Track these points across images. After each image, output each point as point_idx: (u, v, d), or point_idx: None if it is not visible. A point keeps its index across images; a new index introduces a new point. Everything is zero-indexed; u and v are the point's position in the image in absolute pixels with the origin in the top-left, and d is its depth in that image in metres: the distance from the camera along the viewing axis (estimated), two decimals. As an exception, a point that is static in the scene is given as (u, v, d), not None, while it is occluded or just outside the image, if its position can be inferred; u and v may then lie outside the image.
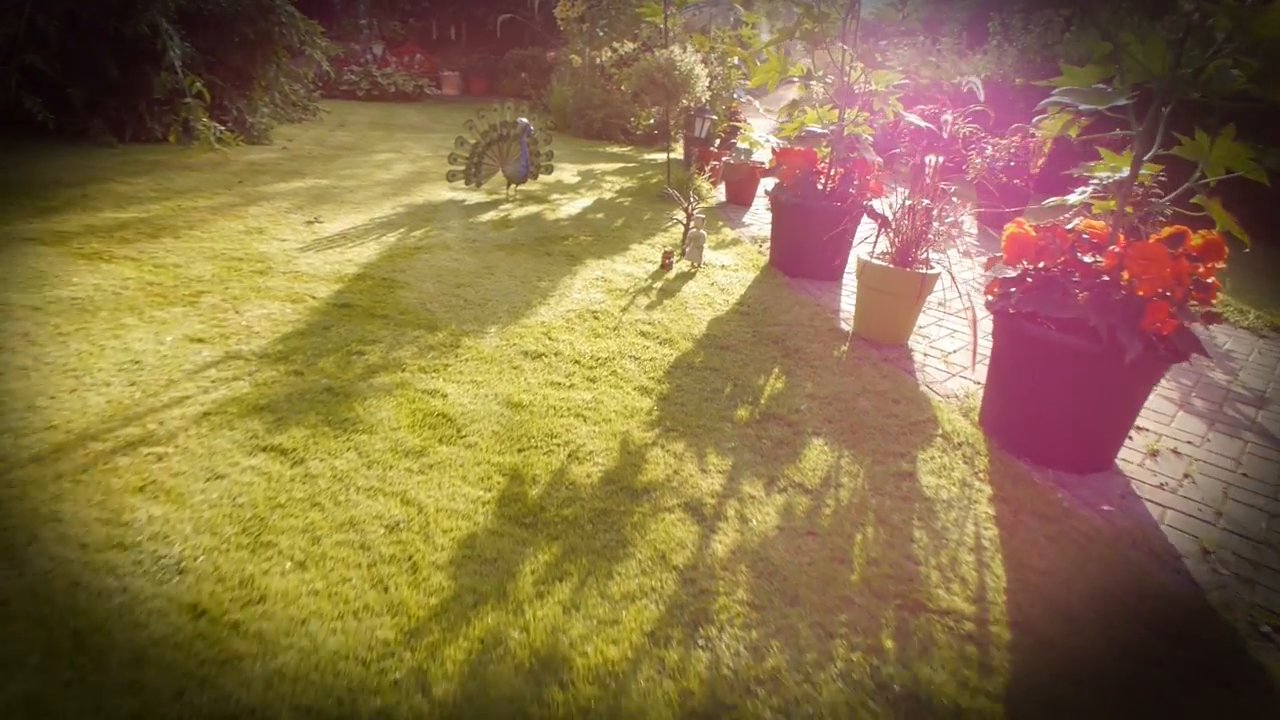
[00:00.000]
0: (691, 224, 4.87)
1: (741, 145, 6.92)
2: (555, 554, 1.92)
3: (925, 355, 3.64)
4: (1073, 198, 2.76)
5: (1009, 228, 2.66)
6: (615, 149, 10.64)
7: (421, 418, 2.50)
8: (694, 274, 4.56)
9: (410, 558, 1.83)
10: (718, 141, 7.56)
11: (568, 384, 2.90)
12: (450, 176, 5.98)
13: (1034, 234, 2.57)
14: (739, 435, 2.67)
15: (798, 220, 4.61)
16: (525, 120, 5.89)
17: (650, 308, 3.86)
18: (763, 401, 2.94)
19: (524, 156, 5.94)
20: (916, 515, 2.31)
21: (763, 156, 7.11)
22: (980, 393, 3.24)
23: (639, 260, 4.70)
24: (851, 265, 5.04)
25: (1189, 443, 3.04)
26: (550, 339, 3.30)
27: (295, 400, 2.50)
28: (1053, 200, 2.89)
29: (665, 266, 4.57)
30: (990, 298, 2.75)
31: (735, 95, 8.44)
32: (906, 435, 2.79)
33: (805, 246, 4.69)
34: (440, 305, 3.53)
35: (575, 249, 4.78)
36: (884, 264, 3.59)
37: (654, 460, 2.43)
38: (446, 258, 4.28)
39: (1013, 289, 2.63)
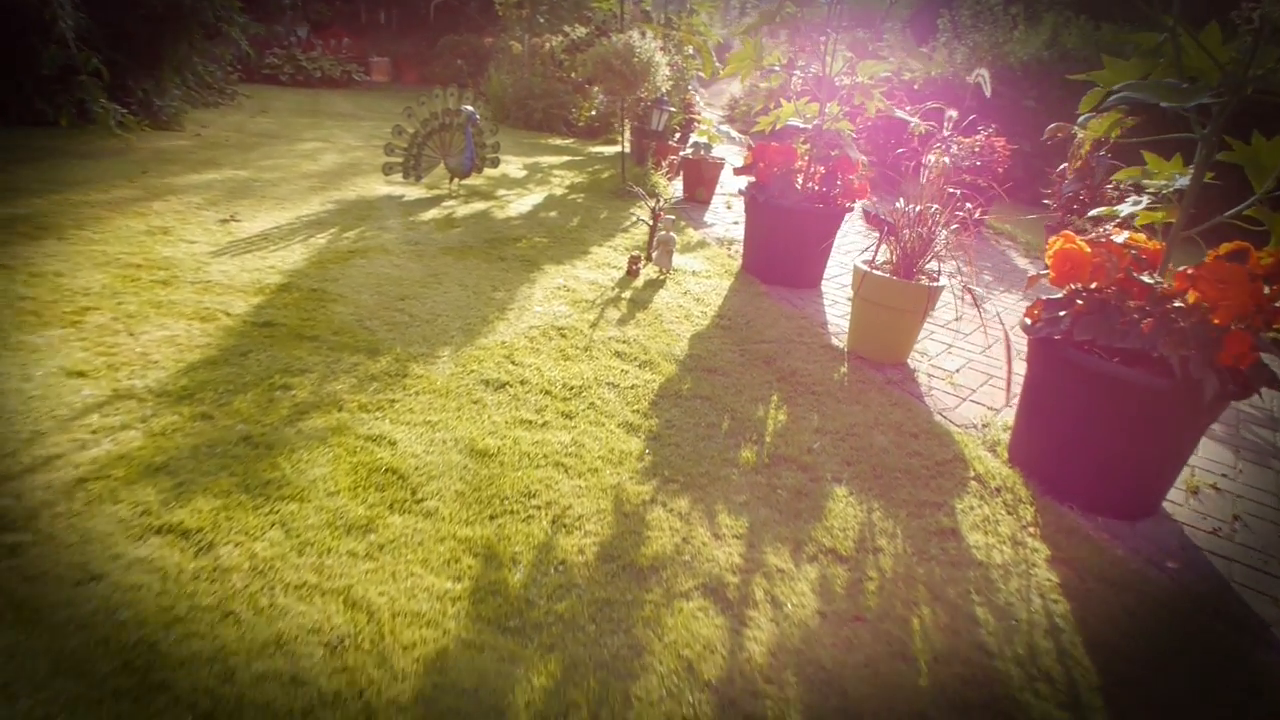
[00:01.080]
0: (659, 226, 4.44)
1: (700, 139, 6.52)
2: (553, 674, 1.47)
3: (929, 377, 3.30)
4: (1125, 208, 2.43)
5: (1055, 241, 2.31)
6: (558, 141, 10.14)
7: (366, 475, 2.00)
8: (664, 281, 4.14)
9: (362, 696, 1.35)
10: (676, 134, 7.14)
11: (540, 422, 2.43)
12: (387, 169, 5.40)
13: (1089, 250, 2.22)
14: (749, 485, 2.25)
15: (777, 223, 4.23)
16: (470, 108, 5.35)
17: (622, 322, 3.42)
18: (768, 439, 2.54)
19: (469, 148, 5.41)
20: (973, 587, 1.93)
21: (722, 151, 6.73)
22: (997, 417, 2.91)
23: (602, 265, 4.25)
24: (830, 273, 4.70)
25: (1224, 475, 2.77)
26: (514, 363, 2.82)
27: (202, 456, 1.97)
28: (1100, 210, 2.56)
29: (632, 273, 4.13)
30: (1031, 322, 2.41)
31: (690, 87, 8.05)
32: (936, 479, 2.43)
33: (784, 252, 4.32)
34: (382, 323, 3.01)
35: (531, 252, 4.29)
36: (885, 275, 3.24)
37: (657, 524, 1.99)
38: (386, 263, 3.74)
39: (1062, 313, 2.28)
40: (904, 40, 11.26)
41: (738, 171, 4.43)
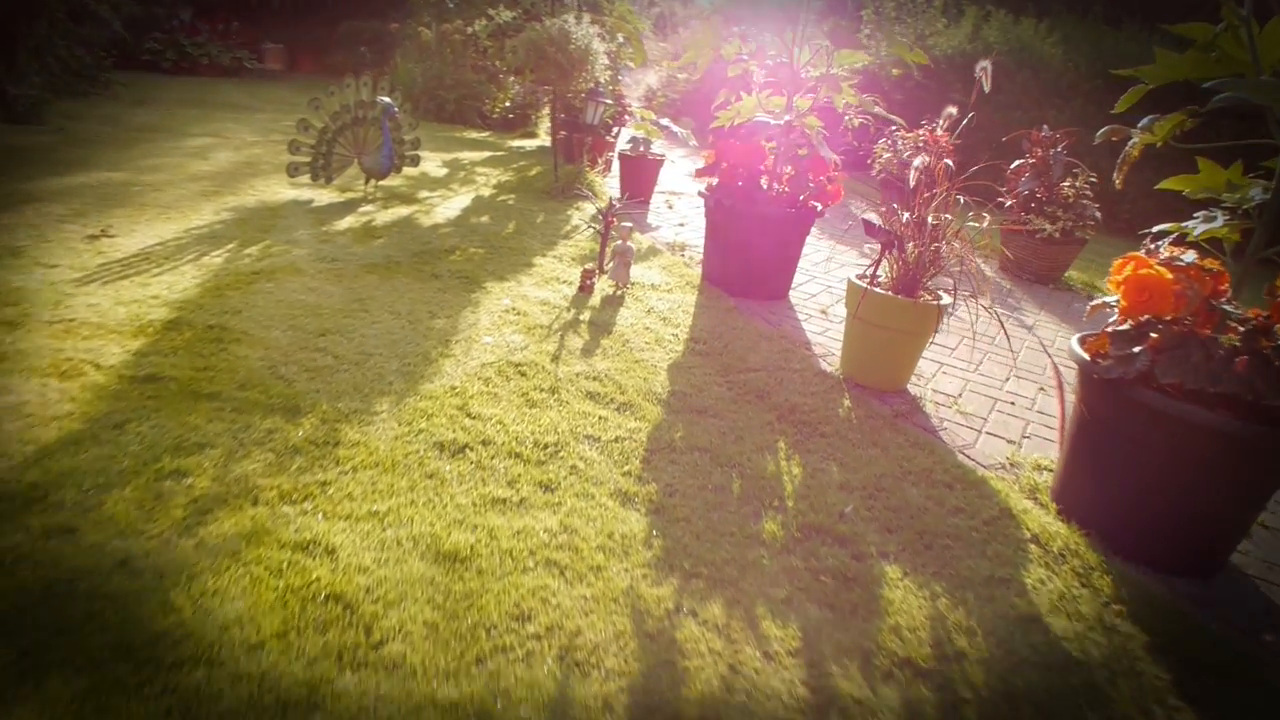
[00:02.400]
0: (613, 234, 3.97)
1: (638, 134, 6.07)
2: None
3: (936, 405, 2.96)
4: (1200, 226, 2.11)
5: (1125, 265, 1.97)
6: (474, 134, 9.52)
7: (300, 608, 1.47)
8: (622, 297, 3.68)
9: None
10: (616, 130, 6.67)
11: (516, 500, 1.94)
12: (292, 170, 4.72)
13: (1170, 275, 1.89)
14: (785, 571, 1.83)
15: (745, 231, 3.82)
16: (387, 100, 4.73)
17: (587, 352, 2.94)
18: (789, 503, 2.12)
19: (386, 145, 4.79)
20: (1084, 700, 1.56)
21: (661, 148, 6.30)
22: (1020, 452, 2.58)
23: (550, 280, 3.75)
24: (796, 281, 4.33)
25: (1274, 513, 2.52)
26: (470, 416, 2.31)
27: (58, 601, 1.40)
28: (1165, 226, 2.24)
29: (586, 289, 3.65)
30: (1090, 356, 2.06)
31: (620, 78, 7.58)
32: (990, 543, 2.06)
33: (752, 262, 3.92)
34: (300, 368, 2.44)
35: (468, 267, 3.75)
36: (887, 293, 2.87)
37: (692, 647, 1.54)
38: (300, 287, 3.14)
39: (1136, 349, 1.94)
40: (820, 31, 11.08)
41: (700, 174, 4.00)
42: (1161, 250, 2.18)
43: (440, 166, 6.51)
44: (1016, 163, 5.63)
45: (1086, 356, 2.11)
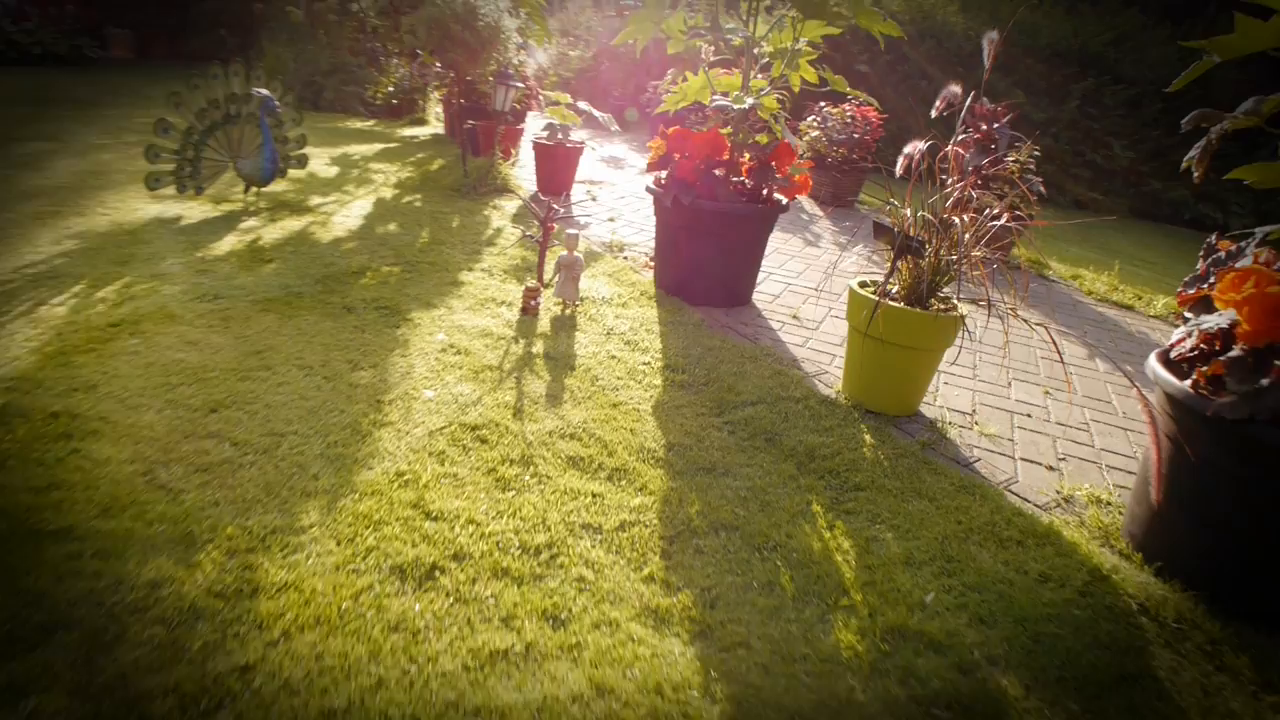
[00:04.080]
0: (554, 241, 3.43)
1: (554, 120, 5.49)
2: None
3: (957, 429, 2.60)
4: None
5: (1244, 281, 1.61)
6: (358, 124, 8.68)
7: None
8: (573, 317, 3.15)
9: None
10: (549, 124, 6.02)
11: (520, 649, 1.42)
12: (152, 181, 3.91)
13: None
14: (887, 708, 1.39)
15: (707, 231, 3.35)
16: (265, 92, 3.99)
17: (554, 400, 2.41)
18: (855, 595, 1.68)
19: (268, 145, 4.05)
20: None
21: (580, 135, 5.74)
22: (1064, 481, 2.25)
23: (485, 302, 3.18)
24: (772, 291, 3.91)
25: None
26: (430, 515, 1.76)
27: None
28: (1270, 228, 1.89)
29: (530, 311, 3.10)
30: (1191, 388, 1.70)
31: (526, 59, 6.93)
32: (1099, 623, 1.69)
33: (714, 265, 3.46)
34: (188, 468, 1.81)
35: (385, 293, 3.13)
36: (903, 307, 2.46)
37: None
38: (175, 341, 2.46)
39: (1264, 380, 1.59)
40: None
41: (651, 166, 3.50)
42: (1247, 253, 1.85)
43: (329, 164, 5.73)
44: (960, 137, 5.37)
45: (1186, 388, 1.75)
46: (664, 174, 3.50)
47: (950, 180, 2.54)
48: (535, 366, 2.63)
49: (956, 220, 2.40)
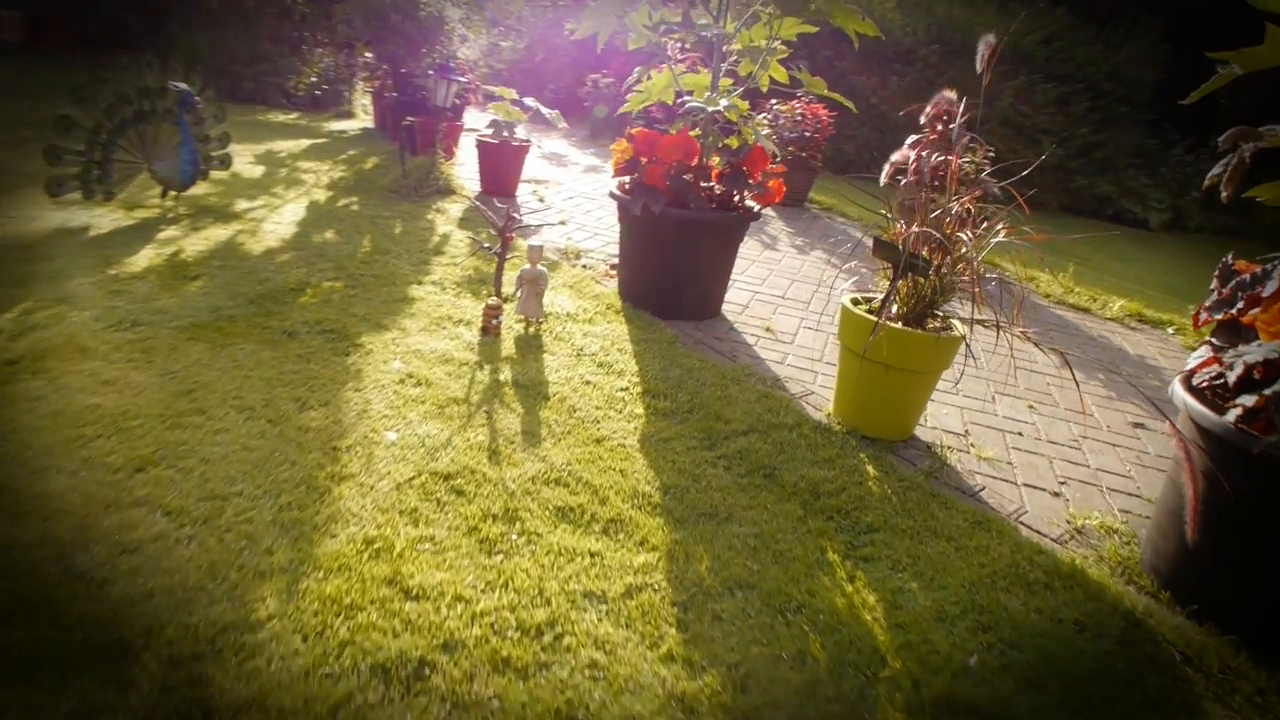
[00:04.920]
0: (513, 252, 3.18)
1: (498, 117, 5.20)
2: None
3: (954, 452, 2.48)
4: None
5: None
6: (281, 117, 8.21)
7: None
8: (538, 335, 2.92)
9: None
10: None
11: (535, 766, 1.20)
12: (54, 186, 3.48)
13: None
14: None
15: (677, 240, 3.16)
16: (183, 86, 3.60)
17: (531, 437, 2.18)
18: (893, 662, 1.52)
19: (188, 145, 3.67)
20: None
21: (525, 133, 5.46)
22: (1068, 505, 2.14)
23: (441, 321, 2.91)
24: (739, 300, 3.74)
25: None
26: (409, 594, 1.52)
27: None
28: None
29: (492, 330, 2.85)
30: (1247, 426, 1.60)
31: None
32: (1144, 678, 1.57)
33: (686, 277, 3.27)
34: (112, 549, 1.52)
35: (329, 313, 2.83)
36: (905, 328, 2.32)
37: None
38: (87, 380, 2.13)
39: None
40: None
41: (618, 170, 3.28)
42: (1274, 277, 1.76)
43: (254, 163, 5.31)
44: (912, 137, 5.31)
45: (1228, 424, 1.64)
46: (628, 179, 3.29)
47: (950, 192, 2.40)
48: (505, 397, 2.39)
49: (965, 237, 2.26)
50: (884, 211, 2.60)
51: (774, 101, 6.27)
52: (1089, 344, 4.00)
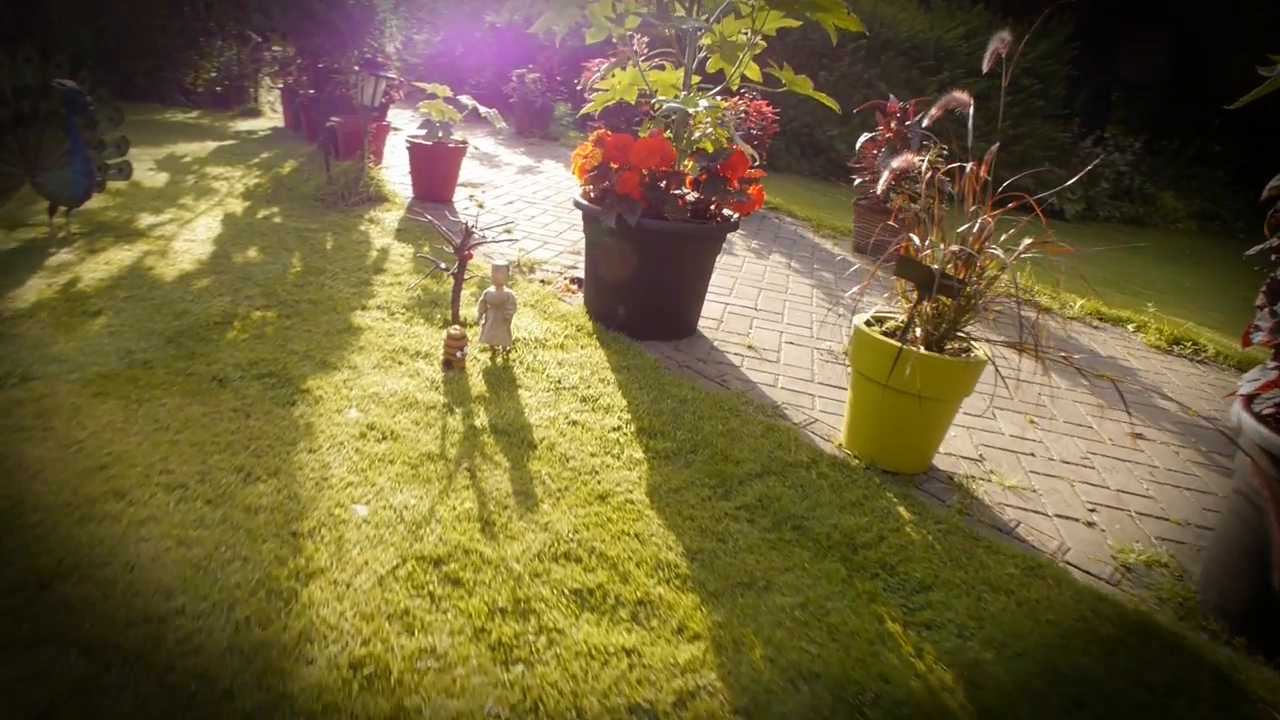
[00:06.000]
0: (470, 272, 2.84)
1: (431, 116, 4.80)
2: None
3: (982, 484, 2.29)
4: None
5: None
6: (180, 115, 7.57)
7: None
8: (508, 367, 2.60)
9: None
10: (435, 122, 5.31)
11: None
12: (-91, 206, 2.95)
13: None
14: None
15: (656, 254, 2.89)
16: (70, 84, 3.10)
17: (525, 500, 1.88)
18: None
19: (79, 153, 3.17)
20: None
21: (460, 133, 5.08)
22: (1105, 537, 1.98)
23: (395, 354, 2.56)
24: (713, 314, 3.49)
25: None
26: (417, 731, 1.20)
27: None
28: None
29: (457, 365, 2.52)
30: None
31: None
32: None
33: (663, 294, 3.02)
34: (13, 711, 1.15)
35: (264, 351, 2.44)
36: (932, 354, 2.11)
37: None
38: (-32, 456, 1.71)
39: None
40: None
41: (583, 177, 2.97)
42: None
43: (155, 170, 4.76)
44: (866, 136, 5.19)
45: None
46: (593, 187, 3.00)
47: (969, 205, 2.20)
48: (486, 448, 2.07)
49: (998, 252, 2.07)
50: (890, 223, 2.39)
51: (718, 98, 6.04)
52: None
